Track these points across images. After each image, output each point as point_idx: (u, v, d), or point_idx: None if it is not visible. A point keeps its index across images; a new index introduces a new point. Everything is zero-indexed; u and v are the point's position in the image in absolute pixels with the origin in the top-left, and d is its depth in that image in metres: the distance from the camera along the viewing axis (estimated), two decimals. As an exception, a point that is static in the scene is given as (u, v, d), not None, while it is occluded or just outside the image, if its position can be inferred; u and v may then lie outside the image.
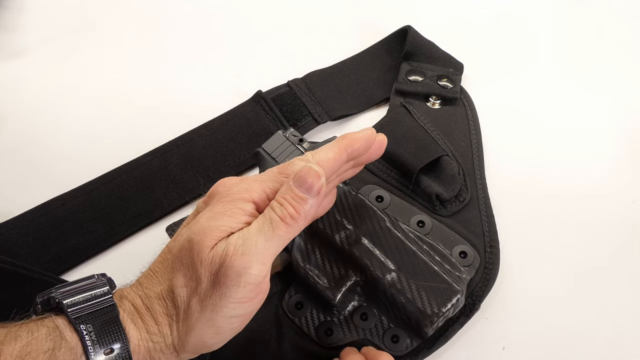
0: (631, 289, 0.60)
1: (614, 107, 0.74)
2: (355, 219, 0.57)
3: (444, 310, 0.53)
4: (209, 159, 0.68)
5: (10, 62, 0.78)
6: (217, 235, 0.43)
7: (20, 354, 0.38)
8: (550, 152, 0.70)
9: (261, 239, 0.42)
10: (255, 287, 0.42)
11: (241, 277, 0.41)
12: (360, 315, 0.56)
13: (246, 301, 0.42)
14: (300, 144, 0.62)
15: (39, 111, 0.72)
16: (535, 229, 0.64)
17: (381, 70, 0.77)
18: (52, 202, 0.64)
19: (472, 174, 0.66)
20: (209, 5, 0.86)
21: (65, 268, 0.61)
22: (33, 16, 0.83)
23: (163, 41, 0.82)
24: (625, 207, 0.65)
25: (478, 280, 0.59)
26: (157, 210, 0.65)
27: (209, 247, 0.42)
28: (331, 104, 0.73)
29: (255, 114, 0.71)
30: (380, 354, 0.52)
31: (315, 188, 0.44)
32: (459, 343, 0.57)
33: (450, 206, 0.63)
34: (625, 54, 0.79)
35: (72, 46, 0.80)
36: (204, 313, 0.42)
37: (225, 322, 0.43)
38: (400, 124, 0.68)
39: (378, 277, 0.54)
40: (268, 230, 0.43)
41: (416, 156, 0.64)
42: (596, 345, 0.57)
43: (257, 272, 0.42)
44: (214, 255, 0.42)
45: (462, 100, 0.73)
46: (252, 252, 0.42)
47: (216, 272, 0.41)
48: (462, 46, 0.78)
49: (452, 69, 0.75)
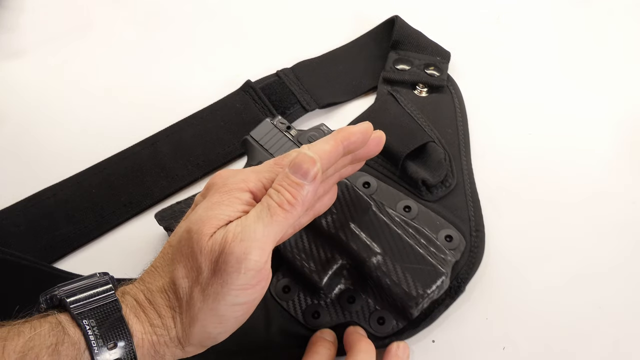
0: (615, 272, 0.61)
1: (613, 106, 0.74)
2: (342, 204, 0.57)
3: (429, 291, 0.54)
4: (199, 147, 0.69)
5: (10, 62, 0.78)
6: (215, 223, 0.43)
7: (23, 349, 0.38)
8: (547, 150, 0.70)
9: (260, 225, 0.42)
10: (257, 274, 0.42)
11: (241, 264, 0.41)
12: (347, 298, 0.57)
13: (248, 288, 0.42)
14: (287, 130, 0.63)
15: (39, 111, 0.72)
16: (520, 216, 0.65)
17: (369, 59, 0.77)
18: (43, 193, 0.65)
19: (459, 160, 0.67)
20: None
21: (56, 257, 0.62)
22: (33, 16, 0.84)
23: (156, 36, 0.82)
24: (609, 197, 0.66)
25: (463, 263, 0.59)
26: (147, 198, 0.65)
27: (208, 235, 0.42)
28: (319, 92, 0.74)
29: (244, 103, 0.72)
30: (359, 340, 0.53)
31: (311, 173, 0.44)
32: (444, 324, 0.58)
33: (436, 191, 0.64)
34: (625, 54, 0.79)
35: (72, 46, 0.80)
36: (206, 302, 0.42)
37: (229, 311, 0.43)
38: (387, 111, 0.69)
39: (364, 260, 0.55)
40: (266, 216, 0.43)
41: (403, 142, 0.65)
42: (582, 331, 0.57)
43: (257, 258, 0.42)
44: (213, 243, 0.42)
45: (449, 88, 0.73)
46: (251, 238, 0.42)
47: (216, 260, 0.41)
48: (452, 37, 0.79)
49: (440, 58, 0.75)
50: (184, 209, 0.59)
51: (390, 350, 0.54)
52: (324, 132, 0.63)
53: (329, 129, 0.63)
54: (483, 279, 0.60)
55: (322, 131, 0.63)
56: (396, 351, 0.54)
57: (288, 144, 0.62)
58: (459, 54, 0.77)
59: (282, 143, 0.63)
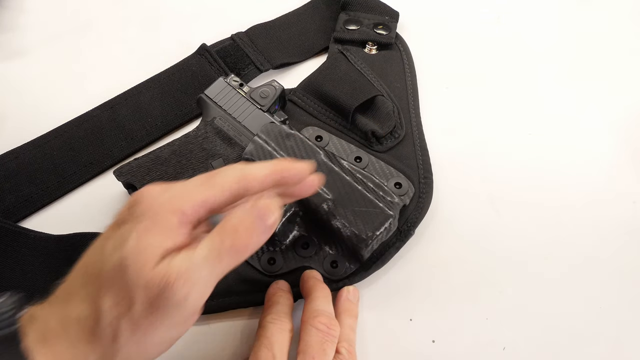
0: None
1: (612, 106, 0.74)
2: (294, 153, 0.59)
3: (378, 233, 0.56)
4: (156, 109, 0.71)
5: (10, 62, 0.78)
6: (151, 256, 0.39)
7: None
8: (542, 148, 0.70)
9: (207, 267, 0.40)
10: (192, 315, 0.41)
11: (181, 304, 0.39)
12: (301, 244, 0.59)
13: (179, 326, 0.41)
14: (240, 88, 0.65)
15: (39, 111, 0.72)
16: (465, 164, 0.68)
17: (321, 21, 0.80)
18: (5, 156, 0.66)
19: (407, 112, 0.69)
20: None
21: (20, 217, 0.64)
22: (33, 16, 0.83)
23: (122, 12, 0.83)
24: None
25: (412, 208, 0.62)
26: (107, 159, 0.67)
27: (145, 268, 0.39)
28: (273, 53, 0.76)
29: (200, 66, 0.74)
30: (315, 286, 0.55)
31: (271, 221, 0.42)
32: (396, 266, 0.60)
33: (385, 142, 0.66)
34: (625, 54, 0.79)
35: (72, 46, 0.80)
36: (134, 335, 0.40)
37: (156, 345, 0.41)
38: (337, 68, 0.71)
39: (315, 206, 0.57)
40: (215, 259, 0.40)
41: (352, 96, 0.67)
42: (582, 331, 0.58)
43: (198, 300, 0.40)
44: (152, 278, 0.39)
45: (397, 46, 0.76)
46: (195, 280, 0.39)
47: (154, 296, 0.39)
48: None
49: (388, 17, 0.78)
50: (142, 164, 0.61)
51: (341, 295, 0.57)
52: (275, 87, 0.65)
53: (280, 85, 0.66)
54: (432, 223, 0.63)
55: (273, 87, 0.65)
56: (347, 295, 0.57)
57: (241, 101, 0.65)
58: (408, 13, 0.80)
59: (235, 100, 0.65)
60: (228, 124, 0.64)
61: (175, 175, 0.61)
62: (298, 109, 0.69)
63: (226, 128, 0.64)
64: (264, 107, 0.64)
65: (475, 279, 0.60)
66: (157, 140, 0.70)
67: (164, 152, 0.63)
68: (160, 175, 0.61)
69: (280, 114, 0.66)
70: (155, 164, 0.62)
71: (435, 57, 0.77)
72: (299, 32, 0.78)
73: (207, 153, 0.62)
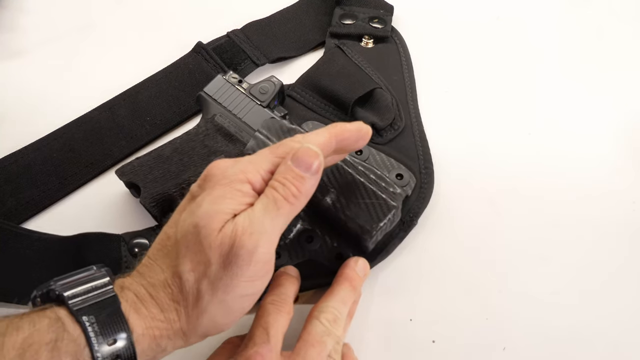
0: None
1: (612, 106, 0.74)
2: None
3: (381, 224, 0.56)
4: (155, 108, 0.71)
5: (10, 62, 0.77)
6: (222, 218, 0.43)
7: (23, 345, 0.38)
8: (542, 147, 0.71)
9: (267, 218, 0.43)
10: (265, 265, 0.44)
11: (252, 256, 0.42)
12: (305, 238, 0.59)
13: (256, 279, 0.44)
14: (239, 84, 0.66)
15: (39, 111, 0.72)
16: (465, 163, 0.68)
17: (316, 16, 0.80)
18: (5, 159, 0.66)
19: (406, 104, 0.70)
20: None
21: (22, 219, 0.63)
22: (33, 16, 0.83)
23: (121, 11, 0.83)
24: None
25: (414, 198, 0.62)
26: (107, 158, 0.67)
27: (217, 230, 0.43)
28: (269, 48, 0.76)
29: (196, 63, 0.74)
30: (340, 287, 0.54)
31: (314, 167, 0.46)
32: (400, 256, 0.61)
33: (385, 134, 0.67)
34: (625, 54, 0.80)
35: (72, 46, 0.79)
36: (215, 294, 0.42)
37: (237, 302, 0.44)
38: (334, 62, 0.71)
39: (319, 199, 0.57)
40: (273, 209, 0.44)
41: (351, 89, 0.68)
42: (582, 332, 0.57)
43: (266, 250, 0.43)
44: (222, 237, 0.42)
45: (393, 39, 0.77)
46: (260, 231, 0.43)
47: (226, 254, 0.42)
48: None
49: (383, 11, 0.78)
50: (144, 163, 0.61)
51: (347, 264, 0.56)
52: (274, 83, 0.65)
53: (279, 80, 0.66)
54: (434, 213, 0.63)
55: (272, 83, 0.65)
56: (353, 265, 0.56)
57: (240, 97, 0.65)
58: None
59: (235, 96, 0.65)
60: (228, 121, 0.64)
61: (178, 173, 0.60)
62: (297, 104, 0.69)
63: (227, 125, 0.64)
64: (263, 103, 0.65)
65: (475, 279, 0.60)
66: (157, 138, 0.70)
67: (165, 150, 0.62)
68: (162, 173, 0.60)
69: (279, 109, 0.66)
70: (157, 163, 0.61)
71: (431, 50, 0.78)
72: (295, 28, 0.79)
73: (209, 150, 0.62)
